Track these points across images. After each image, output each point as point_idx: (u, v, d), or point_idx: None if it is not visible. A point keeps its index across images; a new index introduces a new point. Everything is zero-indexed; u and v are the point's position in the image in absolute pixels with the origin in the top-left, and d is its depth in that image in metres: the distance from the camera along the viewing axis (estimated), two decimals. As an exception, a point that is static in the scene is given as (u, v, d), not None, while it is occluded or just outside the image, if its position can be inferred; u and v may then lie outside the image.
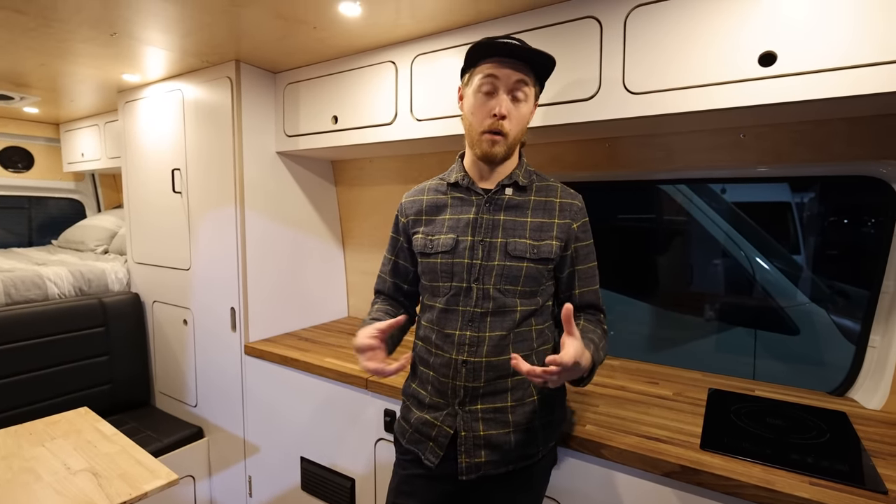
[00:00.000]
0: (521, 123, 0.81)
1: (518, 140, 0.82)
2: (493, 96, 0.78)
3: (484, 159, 0.82)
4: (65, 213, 2.61)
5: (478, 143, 0.80)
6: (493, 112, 0.77)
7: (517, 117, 0.80)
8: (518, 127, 0.81)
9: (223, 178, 1.51)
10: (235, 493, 1.60)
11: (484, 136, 0.79)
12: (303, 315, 1.71)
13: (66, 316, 1.61)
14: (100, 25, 1.21)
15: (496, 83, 0.78)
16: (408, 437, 0.85)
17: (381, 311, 0.90)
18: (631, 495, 0.87)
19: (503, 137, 0.79)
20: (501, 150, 0.79)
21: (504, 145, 0.79)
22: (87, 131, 2.26)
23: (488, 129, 0.78)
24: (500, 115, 0.77)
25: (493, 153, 0.79)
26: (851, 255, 1.50)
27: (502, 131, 0.78)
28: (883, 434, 0.91)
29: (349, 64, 1.37)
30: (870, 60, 0.74)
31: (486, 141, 0.79)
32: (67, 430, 1.13)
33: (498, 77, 0.78)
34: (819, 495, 0.71)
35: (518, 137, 0.82)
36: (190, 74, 1.57)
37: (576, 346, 0.66)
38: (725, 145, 1.13)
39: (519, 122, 0.80)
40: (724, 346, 1.58)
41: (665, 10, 0.91)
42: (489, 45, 0.78)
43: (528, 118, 0.83)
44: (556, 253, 0.80)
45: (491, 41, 0.78)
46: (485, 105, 0.79)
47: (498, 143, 0.79)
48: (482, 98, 0.79)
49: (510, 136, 0.79)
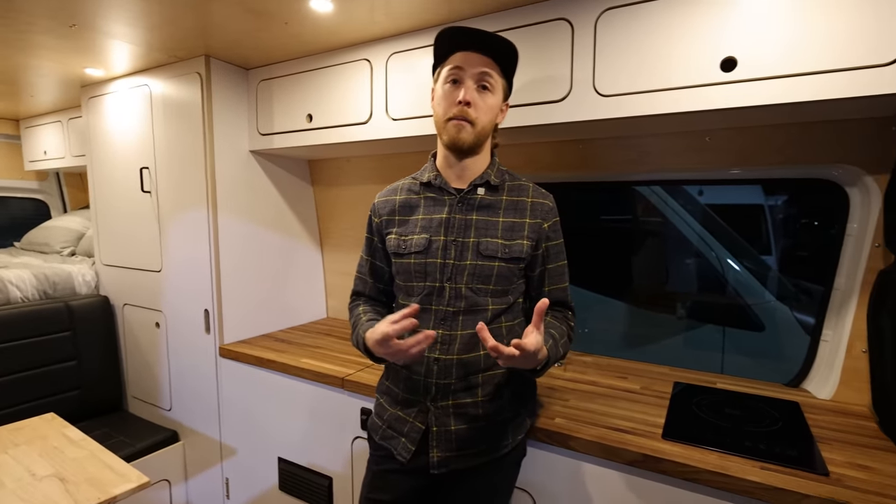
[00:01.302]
0: (488, 114, 0.81)
1: (487, 131, 0.82)
2: (458, 86, 0.79)
3: (452, 147, 0.81)
4: (28, 213, 2.49)
5: (445, 129, 0.81)
6: (458, 100, 0.78)
7: (484, 107, 0.80)
8: (486, 117, 0.80)
9: (194, 177, 1.47)
10: (212, 496, 1.58)
11: (450, 123, 0.79)
12: (280, 316, 1.69)
13: (29, 320, 1.55)
14: (58, 16, 1.15)
15: (461, 73, 0.79)
16: (381, 433, 0.86)
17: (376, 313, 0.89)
18: (597, 484, 0.90)
19: (470, 124, 0.79)
20: (469, 137, 0.79)
21: (472, 133, 0.79)
22: (49, 128, 2.16)
23: (454, 115, 0.79)
24: (465, 100, 0.77)
25: (461, 139, 0.79)
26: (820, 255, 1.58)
27: (468, 118, 0.78)
28: (830, 422, 0.97)
29: (324, 61, 1.35)
30: (824, 68, 0.79)
31: (453, 126, 0.79)
32: (32, 436, 1.10)
33: (463, 67, 0.79)
34: (768, 478, 0.75)
35: (487, 129, 0.82)
36: (157, 69, 1.52)
37: (538, 339, 0.69)
38: (694, 148, 1.17)
39: (486, 112, 0.80)
40: (695, 342, 1.65)
41: (634, 14, 0.93)
42: (453, 32, 0.79)
43: (495, 110, 0.82)
44: (527, 252, 0.82)
45: (453, 26, 0.79)
46: (450, 94, 0.80)
47: (465, 129, 0.79)
48: (448, 88, 0.80)
49: (478, 125, 0.79)
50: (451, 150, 0.82)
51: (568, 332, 0.86)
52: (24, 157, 2.36)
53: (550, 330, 0.81)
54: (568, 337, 0.86)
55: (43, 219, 2.47)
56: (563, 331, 0.84)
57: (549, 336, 0.79)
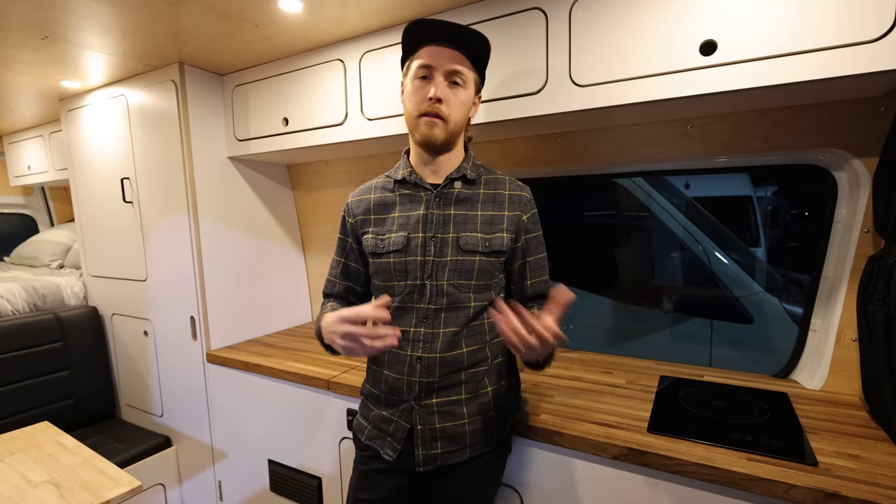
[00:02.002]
0: (461, 109, 0.79)
1: (460, 127, 0.81)
2: (428, 81, 0.77)
3: (424, 145, 0.79)
4: (16, 228, 2.50)
5: (416, 127, 0.79)
6: (429, 96, 0.76)
7: (456, 103, 0.78)
8: (458, 113, 0.78)
9: (174, 186, 1.46)
10: (206, 498, 1.59)
11: (422, 119, 0.77)
12: (265, 321, 1.69)
13: (20, 332, 1.56)
14: (29, 28, 1.15)
15: (432, 69, 0.77)
16: (366, 433, 0.86)
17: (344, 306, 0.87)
18: (583, 479, 0.89)
19: (442, 121, 0.77)
20: (441, 133, 0.77)
21: (444, 130, 0.77)
22: (31, 143, 2.17)
23: (425, 111, 0.77)
24: (436, 97, 0.75)
25: (433, 136, 0.77)
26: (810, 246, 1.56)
27: (440, 115, 0.76)
28: (820, 412, 0.95)
29: (297, 63, 1.34)
30: (808, 47, 0.76)
31: (425, 123, 0.77)
32: (27, 444, 1.12)
33: (434, 62, 0.77)
34: (755, 469, 0.74)
35: (459, 124, 0.80)
36: (133, 79, 1.51)
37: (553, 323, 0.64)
38: (675, 137, 1.14)
39: (459, 107, 0.78)
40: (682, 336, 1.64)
41: (610, 0, 0.91)
42: (422, 25, 0.77)
43: (468, 105, 0.81)
44: (507, 245, 0.81)
45: (423, 19, 0.77)
46: (421, 90, 0.78)
47: (437, 126, 0.77)
48: (418, 83, 0.78)
49: (450, 122, 0.77)
50: (423, 148, 0.81)
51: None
52: (9, 173, 2.36)
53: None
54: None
55: (30, 233, 2.49)
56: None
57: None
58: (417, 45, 0.79)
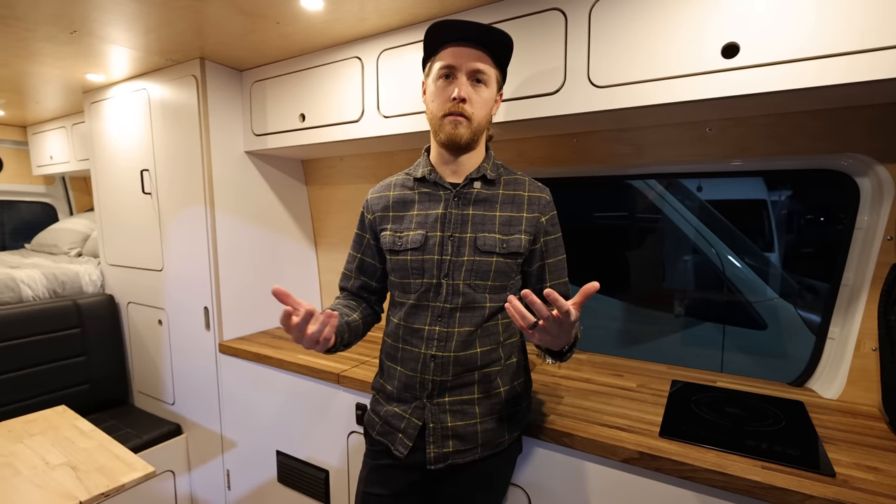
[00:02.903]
0: (484, 108, 0.79)
1: (483, 126, 0.81)
2: (452, 81, 0.77)
3: (449, 145, 0.79)
4: (37, 217, 2.57)
5: (440, 127, 0.79)
6: (453, 96, 0.76)
7: (479, 101, 0.78)
8: (482, 111, 0.78)
9: (192, 179, 1.49)
10: (214, 486, 1.61)
11: (446, 119, 0.77)
12: (276, 314, 1.69)
13: (40, 318, 1.60)
14: (59, 22, 1.18)
15: (454, 69, 0.77)
16: (377, 428, 0.86)
17: (339, 307, 0.89)
18: (593, 482, 0.89)
19: (466, 120, 0.77)
20: (466, 132, 0.77)
21: (468, 128, 0.77)
22: (54, 133, 2.22)
23: (449, 111, 0.77)
24: (460, 97, 0.76)
25: (458, 135, 0.77)
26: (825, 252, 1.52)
27: (464, 114, 0.77)
28: (837, 422, 0.93)
29: (315, 60, 1.35)
30: (832, 51, 0.75)
31: (449, 122, 0.77)
32: (45, 427, 1.15)
33: (456, 62, 0.77)
34: (770, 478, 0.73)
35: (483, 123, 0.80)
36: (155, 73, 1.54)
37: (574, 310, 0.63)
38: (692, 140, 1.13)
39: (482, 106, 0.78)
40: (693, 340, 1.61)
41: (629, 1, 0.90)
42: (444, 26, 0.77)
43: (490, 103, 0.81)
44: (525, 247, 0.80)
45: (445, 20, 0.77)
46: (444, 90, 0.78)
47: (461, 125, 0.77)
48: (442, 84, 0.78)
49: (474, 121, 0.78)
50: (447, 148, 0.81)
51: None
52: (32, 163, 2.43)
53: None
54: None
55: (50, 221, 2.55)
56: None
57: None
58: (439, 46, 0.79)
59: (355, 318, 0.87)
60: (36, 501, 0.85)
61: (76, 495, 0.87)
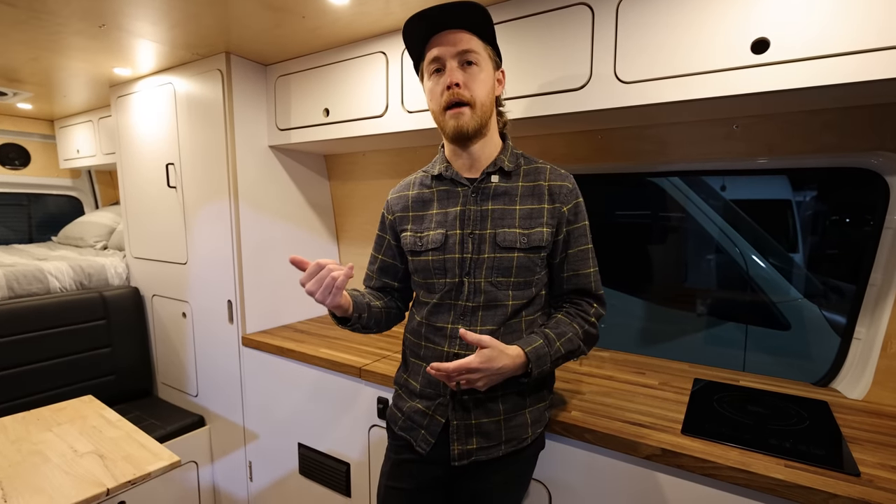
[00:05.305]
0: (482, 87, 0.76)
1: (488, 109, 0.78)
2: (442, 73, 0.76)
3: (457, 138, 0.77)
4: (63, 210, 2.63)
5: (445, 123, 0.78)
6: (446, 85, 0.75)
7: (475, 82, 0.75)
8: (481, 91, 0.76)
9: (217, 173, 1.51)
10: (237, 478, 1.65)
11: (447, 114, 0.76)
12: (299, 308, 1.73)
13: (67, 309, 1.65)
14: (88, 17, 1.20)
15: (441, 59, 0.76)
16: (400, 424, 0.87)
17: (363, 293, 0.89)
18: (613, 477, 0.90)
19: (468, 107, 0.75)
20: (469, 120, 0.75)
21: (472, 116, 0.75)
22: (81, 127, 2.26)
23: (447, 103, 0.75)
24: (453, 83, 0.74)
25: (462, 126, 0.75)
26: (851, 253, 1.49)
27: (463, 100, 0.74)
28: (862, 422, 0.93)
29: (340, 55, 1.36)
30: (864, 47, 0.74)
31: (451, 116, 0.75)
32: (73, 416, 1.18)
33: (440, 52, 0.75)
34: (793, 476, 0.73)
35: (486, 105, 0.77)
36: (181, 67, 1.56)
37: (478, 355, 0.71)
38: (718, 137, 1.12)
39: (479, 86, 0.76)
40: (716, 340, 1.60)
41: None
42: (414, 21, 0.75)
43: (489, 82, 0.78)
44: (547, 240, 0.79)
45: (411, 17, 0.75)
46: (438, 83, 0.77)
47: (463, 115, 0.75)
48: (434, 79, 0.78)
49: (476, 104, 0.75)
50: (456, 142, 0.80)
51: (580, 329, 0.81)
52: (59, 156, 2.47)
53: (545, 329, 0.79)
54: (580, 334, 0.81)
55: (76, 214, 2.60)
56: (565, 330, 0.79)
57: (539, 335, 0.77)
58: (421, 45, 0.78)
59: (377, 305, 0.88)
60: (65, 488, 0.87)
61: (104, 482, 0.89)
